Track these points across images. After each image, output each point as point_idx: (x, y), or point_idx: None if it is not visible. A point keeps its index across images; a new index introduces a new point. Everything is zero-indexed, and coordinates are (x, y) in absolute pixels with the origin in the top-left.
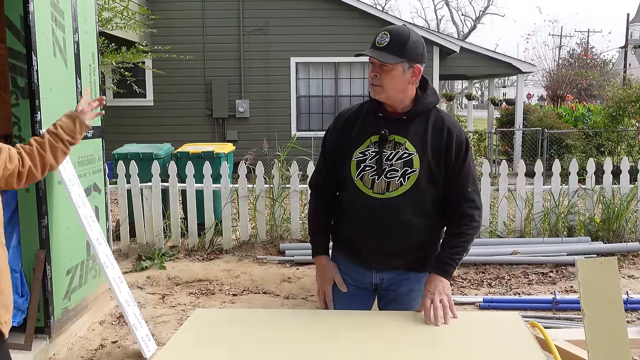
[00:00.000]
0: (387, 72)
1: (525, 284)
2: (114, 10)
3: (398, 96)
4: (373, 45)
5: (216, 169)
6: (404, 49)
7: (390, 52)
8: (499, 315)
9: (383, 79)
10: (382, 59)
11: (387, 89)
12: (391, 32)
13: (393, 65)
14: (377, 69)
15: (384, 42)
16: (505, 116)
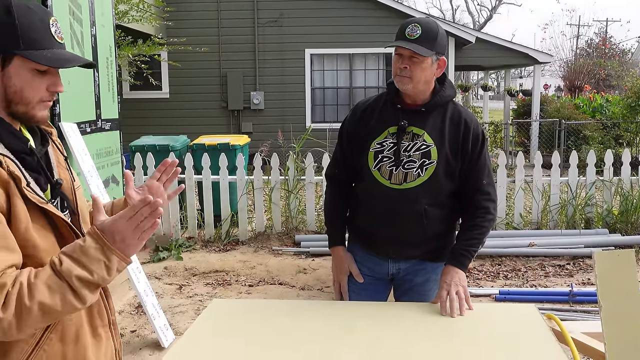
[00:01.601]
0: (417, 64)
1: (541, 276)
2: (129, 3)
3: (423, 88)
4: (402, 37)
5: (232, 161)
6: (434, 41)
7: (422, 44)
8: (515, 307)
9: (413, 70)
10: (417, 50)
11: (416, 81)
12: (422, 24)
13: (423, 57)
14: (406, 60)
15: (416, 34)
16: (521, 107)
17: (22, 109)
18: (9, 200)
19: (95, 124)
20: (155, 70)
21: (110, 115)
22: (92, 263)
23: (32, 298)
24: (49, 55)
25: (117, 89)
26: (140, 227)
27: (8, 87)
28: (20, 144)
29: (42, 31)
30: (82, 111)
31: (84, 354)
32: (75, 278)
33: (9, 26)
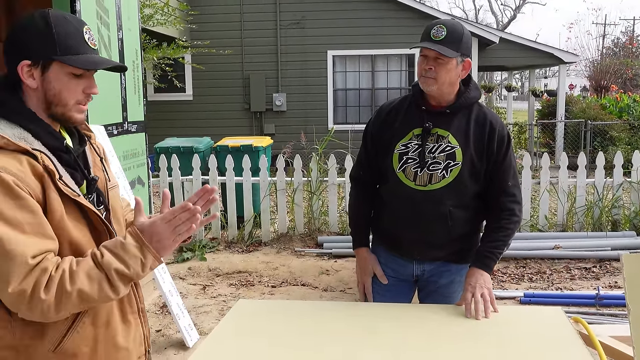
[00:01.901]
0: (442, 65)
1: (567, 279)
2: (155, 7)
3: (448, 89)
4: (428, 38)
5: (255, 162)
6: (459, 42)
7: (448, 45)
8: (541, 310)
9: (438, 71)
10: (442, 52)
11: (440, 82)
12: (447, 26)
13: (448, 59)
14: (431, 61)
15: (441, 35)
16: (546, 107)
17: (60, 110)
18: (44, 192)
19: (121, 126)
20: (179, 72)
21: (136, 117)
22: (130, 259)
23: (73, 284)
24: (83, 60)
25: (143, 91)
26: (177, 230)
27: (47, 91)
28: (57, 142)
29: (77, 38)
30: (109, 114)
31: (114, 337)
32: (113, 271)
33: (47, 35)
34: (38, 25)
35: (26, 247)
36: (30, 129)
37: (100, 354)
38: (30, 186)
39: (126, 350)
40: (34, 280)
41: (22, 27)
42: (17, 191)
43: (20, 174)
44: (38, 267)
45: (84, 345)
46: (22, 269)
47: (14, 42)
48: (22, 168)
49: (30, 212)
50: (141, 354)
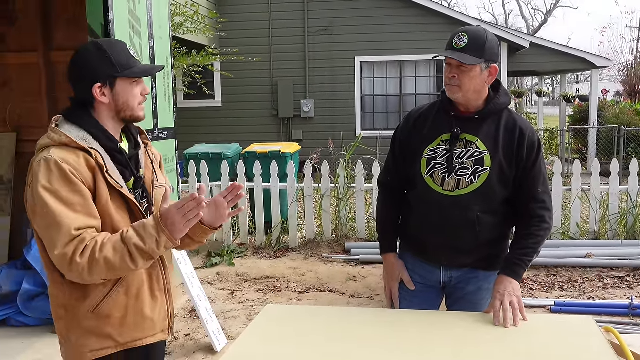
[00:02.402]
0: (465, 73)
1: (599, 288)
2: (185, 15)
3: (474, 96)
4: (450, 46)
5: (282, 169)
6: (482, 49)
7: (469, 52)
8: (571, 319)
9: (461, 79)
10: (461, 59)
11: (465, 89)
12: (469, 33)
13: (471, 66)
14: (454, 69)
15: (462, 43)
16: (578, 113)
17: (129, 113)
18: (95, 181)
19: (152, 132)
20: (208, 79)
21: (166, 124)
22: (147, 236)
23: (101, 252)
24: (137, 70)
25: (173, 98)
26: (187, 216)
27: (117, 102)
28: (112, 144)
29: (126, 55)
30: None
31: (142, 308)
32: (133, 245)
33: (105, 59)
34: (95, 53)
35: (73, 221)
36: (93, 132)
37: (129, 320)
38: (83, 175)
39: (151, 320)
40: (73, 247)
41: (83, 58)
42: (72, 178)
43: (76, 165)
44: (79, 237)
45: (116, 311)
46: (66, 237)
47: (81, 70)
48: (78, 161)
49: (81, 196)
50: (165, 327)
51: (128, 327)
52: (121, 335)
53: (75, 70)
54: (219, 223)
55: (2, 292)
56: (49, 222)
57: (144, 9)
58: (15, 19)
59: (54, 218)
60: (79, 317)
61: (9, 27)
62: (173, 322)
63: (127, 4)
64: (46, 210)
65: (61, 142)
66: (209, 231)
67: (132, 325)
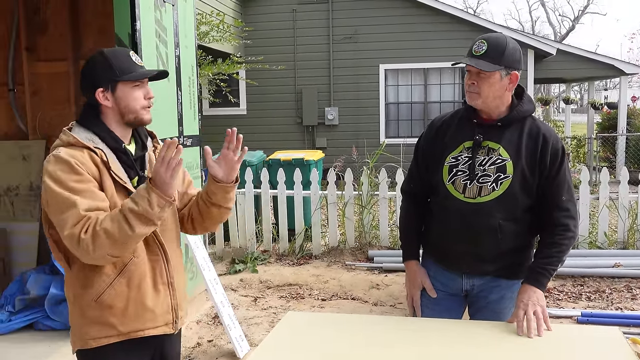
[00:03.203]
0: (484, 80)
1: (628, 298)
2: (210, 24)
3: (494, 103)
4: (470, 53)
5: (306, 176)
6: (501, 56)
7: (488, 59)
8: (597, 329)
9: (480, 86)
10: (478, 66)
11: (484, 96)
12: (488, 40)
13: (490, 73)
14: (474, 76)
15: (481, 50)
16: (606, 120)
17: (132, 116)
18: (100, 176)
19: (177, 140)
20: (233, 87)
21: (191, 131)
22: (139, 198)
23: (100, 225)
24: (136, 74)
25: (198, 106)
26: (169, 165)
27: (119, 105)
28: (117, 145)
29: (127, 61)
30: (166, 128)
31: (143, 299)
32: (127, 209)
33: (106, 65)
34: (98, 60)
35: (82, 204)
36: (98, 134)
37: (131, 310)
38: (89, 169)
39: (152, 312)
40: (80, 227)
41: (89, 66)
42: (77, 169)
43: (82, 159)
44: (85, 217)
45: (118, 301)
46: (75, 217)
47: (86, 78)
48: (84, 156)
49: (87, 184)
50: (168, 321)
51: (129, 317)
52: (123, 324)
53: (82, 77)
54: (232, 175)
55: (30, 297)
56: (60, 207)
57: (170, 18)
58: (45, 29)
59: (64, 202)
60: (83, 305)
61: (40, 37)
62: (178, 316)
63: (154, 14)
64: (56, 196)
65: (69, 142)
66: (227, 187)
67: (134, 315)
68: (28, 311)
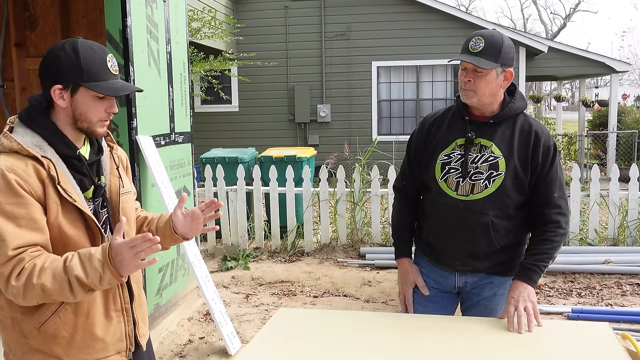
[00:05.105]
0: (480, 77)
1: (618, 294)
2: (202, 21)
3: (488, 100)
4: (466, 50)
5: (298, 173)
6: (498, 53)
7: (485, 57)
8: (587, 325)
9: (476, 83)
10: (478, 64)
11: (480, 94)
12: (485, 37)
13: (487, 70)
14: (470, 74)
15: (479, 47)
16: (597, 118)
17: (86, 125)
18: (45, 193)
19: (169, 137)
20: (225, 84)
21: (183, 128)
22: (91, 269)
23: (39, 279)
24: (105, 86)
25: (190, 103)
26: (138, 255)
27: (75, 110)
28: (69, 151)
29: (101, 67)
30: (157, 125)
31: (92, 328)
32: (74, 276)
33: (75, 64)
34: (68, 54)
35: (13, 239)
36: (48, 138)
37: (77, 340)
38: (32, 186)
39: (103, 342)
40: (10, 268)
41: (55, 55)
42: (18, 190)
43: (24, 175)
44: (16, 258)
45: (63, 330)
46: (3, 257)
47: (48, 67)
48: (27, 170)
49: (27, 209)
50: (121, 349)
51: (76, 347)
52: (68, 355)
53: (42, 65)
54: (192, 235)
55: None
56: None
57: (162, 14)
58: (35, 25)
59: None
60: (25, 332)
61: (29, 33)
62: (133, 343)
63: (145, 10)
64: None
65: (11, 149)
66: (179, 240)
67: (81, 345)
68: None
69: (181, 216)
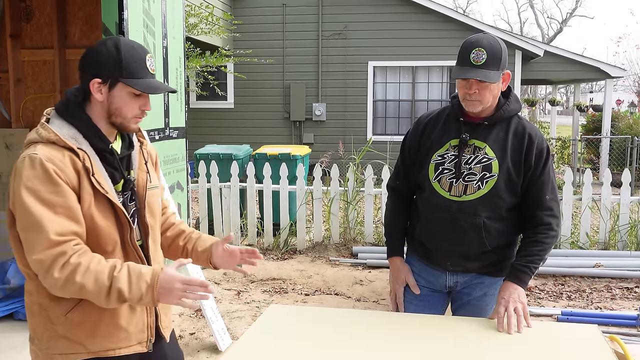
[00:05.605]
0: (485, 88)
1: (608, 298)
2: (199, 16)
3: (489, 104)
4: (468, 63)
5: (292, 171)
6: (499, 61)
7: (490, 68)
8: (575, 327)
9: (482, 94)
10: (486, 79)
11: (485, 102)
12: (485, 47)
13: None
14: (475, 85)
15: (481, 59)
16: (591, 123)
17: (119, 120)
18: (80, 183)
19: (163, 131)
20: (221, 81)
21: (177, 123)
22: (135, 288)
23: (82, 278)
24: (142, 83)
25: (185, 98)
26: (185, 295)
27: (111, 104)
28: (102, 145)
29: (140, 64)
30: (152, 119)
31: (117, 318)
32: (117, 288)
33: (116, 60)
34: (110, 50)
35: (54, 224)
36: (83, 131)
37: (102, 329)
38: (68, 176)
39: (126, 331)
40: (52, 257)
41: (97, 50)
42: (56, 179)
43: (61, 165)
44: (59, 247)
45: (88, 318)
46: (45, 241)
47: (89, 61)
48: (64, 160)
49: (64, 197)
50: (142, 339)
51: (100, 336)
52: (92, 343)
53: (84, 58)
54: (223, 268)
55: (11, 286)
56: (29, 224)
57: (159, 8)
58: (31, 16)
59: (34, 220)
60: (52, 318)
61: (24, 24)
62: (154, 334)
63: (142, 4)
64: (26, 210)
65: (49, 140)
66: (209, 266)
67: (105, 334)
68: (8, 301)
69: (221, 251)
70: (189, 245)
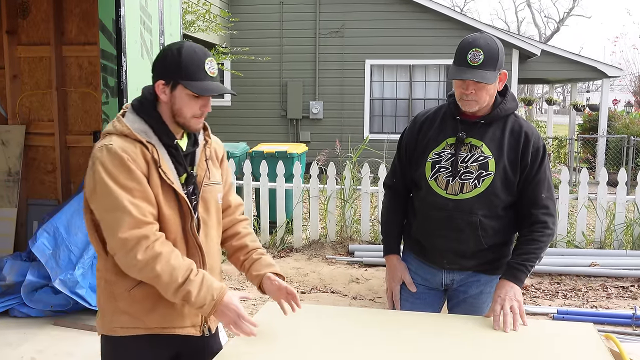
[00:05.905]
0: (482, 88)
1: (603, 297)
2: (196, 13)
3: (486, 103)
4: (464, 63)
5: (289, 169)
6: (497, 62)
7: (486, 68)
8: (571, 325)
9: (479, 95)
10: (484, 80)
11: (482, 102)
12: (482, 47)
13: None
14: (472, 85)
15: (479, 60)
16: (588, 122)
17: (182, 120)
18: (149, 173)
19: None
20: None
21: None
22: (202, 296)
23: (161, 267)
24: (199, 85)
25: None
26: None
27: (173, 105)
28: (169, 140)
29: (198, 67)
30: None
31: None
32: (187, 289)
33: (177, 62)
34: (173, 53)
35: (134, 206)
36: (153, 127)
37: (160, 308)
38: (139, 166)
39: (181, 312)
40: (137, 238)
41: (164, 53)
42: (129, 165)
43: (133, 155)
44: (142, 228)
45: (149, 296)
46: (129, 220)
47: (157, 64)
48: (136, 151)
49: (138, 182)
50: (196, 323)
51: (159, 313)
52: (150, 320)
53: (155, 61)
54: (269, 296)
55: (6, 283)
56: (111, 205)
57: (156, 5)
58: (27, 12)
59: (117, 201)
60: (115, 294)
61: (21, 20)
62: (207, 320)
63: (139, 0)
64: (108, 192)
65: (122, 132)
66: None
67: (162, 312)
68: (4, 298)
69: (270, 284)
70: (246, 263)
